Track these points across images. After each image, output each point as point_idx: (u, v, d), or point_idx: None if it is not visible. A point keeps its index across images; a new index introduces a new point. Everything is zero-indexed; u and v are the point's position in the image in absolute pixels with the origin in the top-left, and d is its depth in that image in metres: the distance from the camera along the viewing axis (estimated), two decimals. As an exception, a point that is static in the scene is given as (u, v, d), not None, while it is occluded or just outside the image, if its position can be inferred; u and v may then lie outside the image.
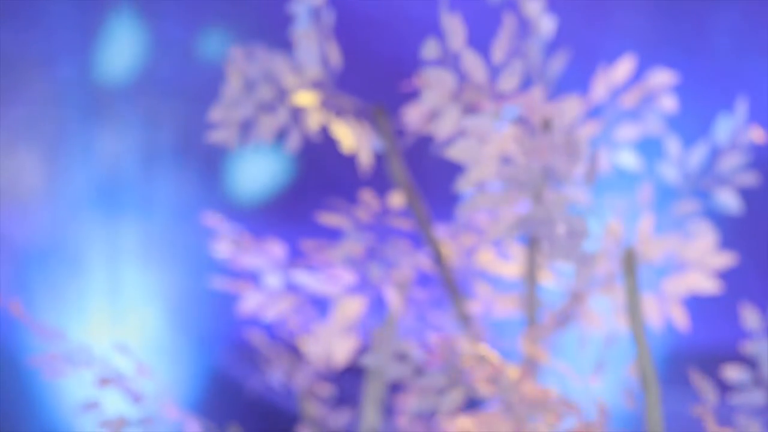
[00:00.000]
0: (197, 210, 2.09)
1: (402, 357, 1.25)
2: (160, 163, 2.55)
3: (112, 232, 2.42)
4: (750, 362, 1.15)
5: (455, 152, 0.98)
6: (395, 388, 1.39)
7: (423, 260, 1.68)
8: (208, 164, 2.58)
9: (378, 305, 1.97)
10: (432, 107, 1.07)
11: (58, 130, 2.11)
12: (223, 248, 1.23)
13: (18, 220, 2.17)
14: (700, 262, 1.30)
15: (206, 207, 1.67)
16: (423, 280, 1.66)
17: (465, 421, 0.97)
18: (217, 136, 1.02)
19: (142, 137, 2.36)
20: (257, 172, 2.50)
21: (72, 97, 2.17)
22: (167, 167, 2.56)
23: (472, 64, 1.00)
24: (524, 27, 1.07)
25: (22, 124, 2.16)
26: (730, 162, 1.17)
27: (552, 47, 1.28)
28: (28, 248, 2.19)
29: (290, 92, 1.06)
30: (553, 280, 1.34)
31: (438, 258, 1.62)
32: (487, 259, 1.48)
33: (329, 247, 1.29)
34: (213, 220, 1.73)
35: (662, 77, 1.23)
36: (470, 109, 1.23)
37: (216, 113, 1.02)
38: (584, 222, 1.16)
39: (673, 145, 1.30)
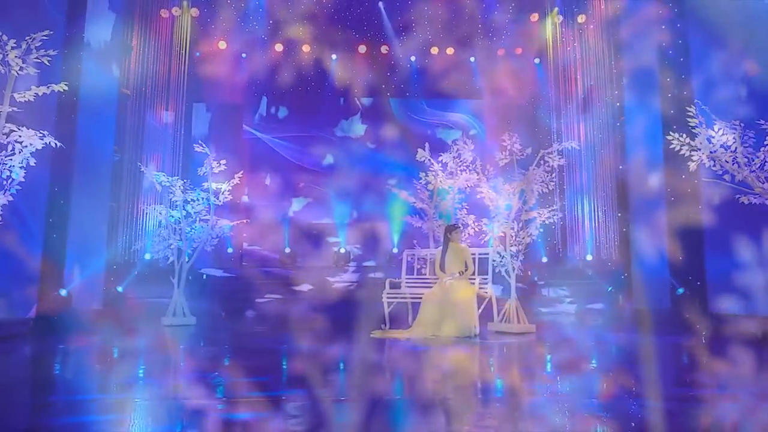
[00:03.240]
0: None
1: (395, 286, 1.25)
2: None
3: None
4: (743, 293, 1.16)
5: (449, 84, 0.98)
6: (391, 320, 1.40)
7: (417, 193, 1.65)
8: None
9: (373, 238, 1.95)
10: (425, 41, 1.05)
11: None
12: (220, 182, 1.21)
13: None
14: (693, 194, 1.30)
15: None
16: (417, 212, 1.64)
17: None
18: (205, 70, 1.01)
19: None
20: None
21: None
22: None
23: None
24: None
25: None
26: (724, 95, 1.17)
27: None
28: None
29: (284, 26, 1.06)
30: (546, 214, 1.34)
31: (432, 190, 1.60)
32: (481, 191, 1.47)
33: (325, 180, 1.28)
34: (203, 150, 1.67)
35: (656, 10, 1.22)
36: (464, 42, 1.21)
37: (205, 47, 1.01)
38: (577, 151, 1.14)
39: (666, 78, 1.29)
